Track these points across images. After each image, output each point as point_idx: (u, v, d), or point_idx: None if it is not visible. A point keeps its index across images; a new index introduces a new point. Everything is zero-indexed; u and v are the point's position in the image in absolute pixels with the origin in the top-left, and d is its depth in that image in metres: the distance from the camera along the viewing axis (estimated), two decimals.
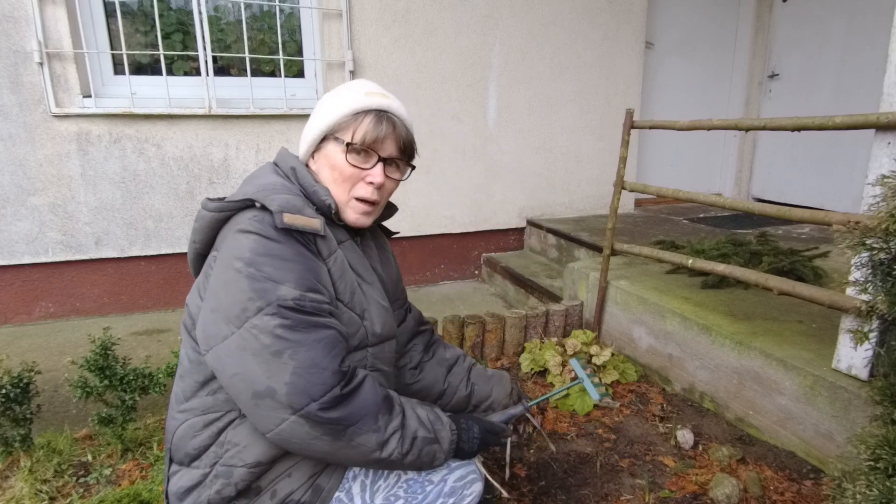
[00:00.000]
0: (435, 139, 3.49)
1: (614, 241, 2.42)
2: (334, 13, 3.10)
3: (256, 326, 0.91)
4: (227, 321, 0.93)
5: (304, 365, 0.90)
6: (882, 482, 0.94)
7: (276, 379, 0.89)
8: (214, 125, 3.01)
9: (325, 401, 0.90)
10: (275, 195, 1.01)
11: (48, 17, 2.65)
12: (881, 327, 1.37)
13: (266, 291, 0.92)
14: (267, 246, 0.95)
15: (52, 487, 1.57)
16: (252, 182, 1.09)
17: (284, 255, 0.96)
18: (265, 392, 0.89)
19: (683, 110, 4.45)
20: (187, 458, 1.04)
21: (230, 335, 0.92)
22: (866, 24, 3.79)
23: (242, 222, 0.98)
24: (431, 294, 3.52)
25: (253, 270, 0.93)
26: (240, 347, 0.91)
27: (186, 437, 1.04)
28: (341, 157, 1.08)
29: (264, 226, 0.97)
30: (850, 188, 3.93)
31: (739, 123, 1.85)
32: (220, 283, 0.96)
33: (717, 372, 1.98)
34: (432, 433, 1.03)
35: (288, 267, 0.95)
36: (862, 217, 1.29)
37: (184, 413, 1.06)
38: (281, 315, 0.91)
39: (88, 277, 3.00)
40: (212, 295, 0.97)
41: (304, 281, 0.95)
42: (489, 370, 1.48)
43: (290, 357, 0.90)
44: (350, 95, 1.11)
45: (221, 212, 1.01)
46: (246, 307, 0.92)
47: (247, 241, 0.96)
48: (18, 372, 1.63)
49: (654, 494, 1.59)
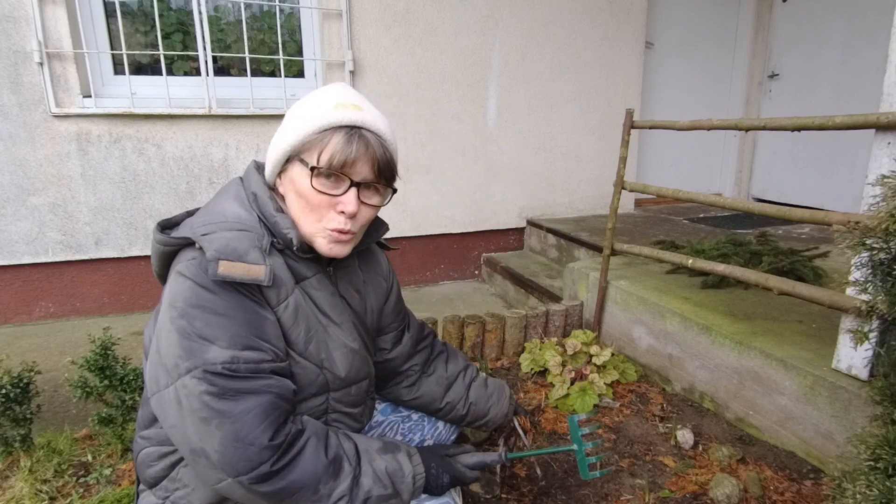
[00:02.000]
0: (435, 139, 3.49)
1: (614, 241, 2.42)
2: (334, 13, 3.10)
3: (186, 387, 0.85)
4: (165, 371, 0.87)
5: (229, 438, 0.84)
6: (882, 482, 0.94)
7: (206, 443, 0.85)
8: (214, 125, 3.01)
9: (253, 477, 0.85)
10: (218, 234, 0.89)
11: (48, 17, 2.65)
12: (881, 327, 1.37)
13: (193, 352, 0.85)
14: (200, 297, 0.86)
15: (52, 487, 1.57)
16: (209, 208, 0.98)
17: (217, 308, 0.86)
18: (199, 451, 0.86)
19: (683, 110, 4.45)
20: (147, 483, 1.04)
21: (168, 386, 0.87)
22: (866, 23, 3.79)
23: (182, 263, 0.89)
24: (431, 294, 3.52)
25: (184, 324, 0.85)
26: (176, 401, 0.86)
27: (144, 464, 1.03)
28: (307, 182, 0.93)
29: (200, 272, 0.87)
30: (850, 188, 3.93)
31: (739, 123, 1.85)
32: (161, 326, 0.89)
33: (717, 372, 1.98)
34: (390, 488, 0.96)
35: (220, 323, 0.86)
36: (862, 217, 1.29)
37: (144, 440, 1.03)
38: (207, 381, 0.84)
39: (88, 277, 3.00)
40: (157, 336, 0.90)
41: (238, 339, 0.87)
42: (490, 384, 1.42)
43: (217, 427, 0.84)
44: (317, 108, 0.94)
45: (166, 246, 0.93)
46: (177, 363, 0.86)
47: (182, 287, 0.87)
48: (18, 372, 1.63)
49: (654, 494, 1.59)
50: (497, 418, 1.39)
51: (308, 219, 0.97)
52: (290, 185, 0.97)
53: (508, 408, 1.42)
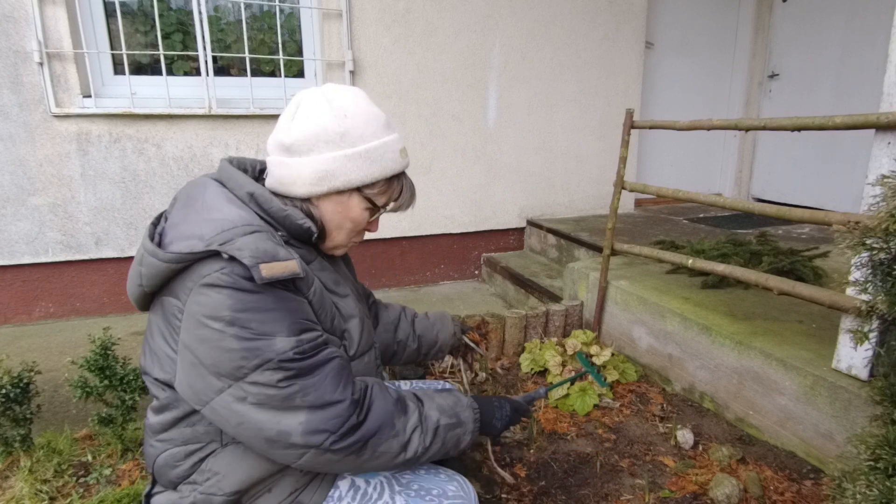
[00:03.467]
0: (435, 139, 3.49)
1: (614, 241, 2.42)
2: (334, 13, 3.10)
3: (258, 382, 0.87)
4: (217, 376, 0.88)
5: (317, 404, 0.89)
6: (882, 482, 0.94)
7: (287, 423, 0.88)
8: (214, 125, 3.01)
9: (343, 431, 0.90)
10: (240, 240, 0.89)
11: (48, 17, 2.65)
12: (881, 327, 1.37)
13: (260, 350, 0.87)
14: (245, 301, 0.87)
15: (52, 487, 1.57)
16: (204, 215, 0.95)
17: (266, 305, 0.89)
18: (276, 437, 0.89)
19: (683, 110, 4.45)
20: (171, 484, 1.04)
21: (225, 388, 0.88)
22: (866, 23, 3.79)
23: (210, 276, 0.88)
24: (431, 294, 3.52)
25: (238, 330, 0.86)
26: (238, 399, 0.88)
27: (168, 465, 1.03)
28: (364, 214, 1.06)
29: (236, 279, 0.87)
30: (850, 188, 3.93)
31: (739, 123, 1.85)
32: (195, 339, 0.88)
33: (717, 372, 1.98)
34: (454, 418, 1.04)
35: (274, 317, 0.89)
36: (862, 217, 1.29)
37: (163, 443, 1.03)
38: (283, 368, 0.88)
39: (88, 277, 3.00)
40: (185, 350, 0.90)
41: (295, 326, 0.90)
42: (431, 315, 1.50)
43: (301, 400, 0.89)
44: (387, 152, 1.02)
45: (179, 263, 0.89)
46: (241, 365, 0.87)
47: (220, 297, 0.87)
48: (18, 372, 1.62)
49: (654, 494, 1.59)
50: (447, 340, 1.48)
51: (343, 234, 1.08)
52: (337, 208, 1.04)
53: (454, 327, 1.50)
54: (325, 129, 0.98)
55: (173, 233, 0.96)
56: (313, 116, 0.99)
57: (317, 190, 1.00)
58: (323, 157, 0.98)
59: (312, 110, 0.99)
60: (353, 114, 1.00)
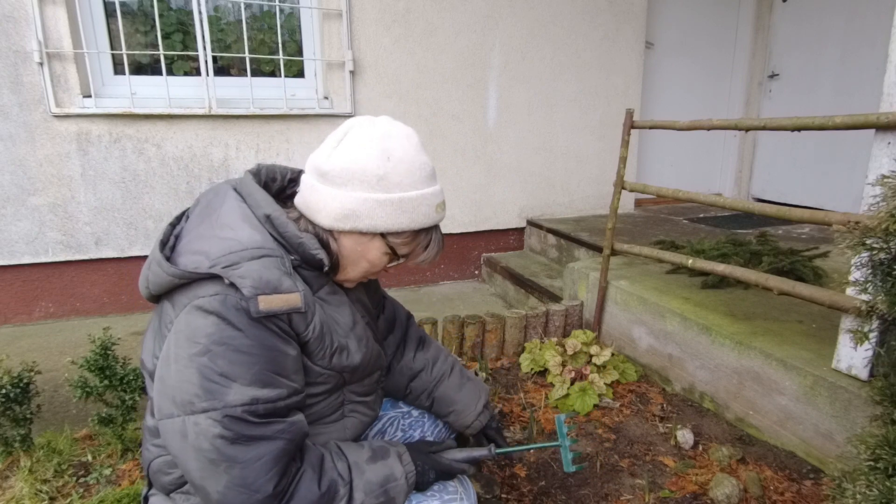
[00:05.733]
0: (435, 139, 3.49)
1: (614, 241, 2.42)
2: (334, 13, 3.10)
3: (199, 425, 0.84)
4: (172, 402, 0.86)
5: (235, 483, 0.84)
6: (882, 482, 0.94)
7: (209, 483, 0.85)
8: (214, 125, 3.01)
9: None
10: (245, 265, 0.87)
11: (48, 17, 2.65)
12: (881, 327, 1.37)
13: (214, 393, 0.83)
14: (224, 334, 0.85)
15: (52, 487, 1.57)
16: (216, 232, 0.93)
17: (242, 346, 0.85)
18: (199, 488, 0.86)
19: (683, 110, 4.45)
20: (164, 490, 1.03)
21: (175, 417, 0.86)
22: (866, 23, 3.79)
23: (202, 298, 0.86)
24: (431, 294, 3.52)
25: (206, 361, 0.84)
26: (181, 433, 0.86)
27: (161, 472, 1.02)
28: (383, 259, 1.01)
29: (226, 308, 0.85)
30: (850, 188, 3.93)
31: (739, 123, 1.85)
32: (171, 356, 0.87)
33: (717, 372, 1.98)
34: (382, 497, 0.96)
35: (243, 361, 0.85)
36: (862, 217, 1.29)
37: (158, 448, 1.02)
38: (223, 425, 0.83)
39: (88, 277, 3.00)
40: (163, 362, 0.89)
41: (260, 377, 0.86)
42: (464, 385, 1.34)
43: (225, 471, 0.84)
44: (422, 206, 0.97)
45: (182, 280, 0.89)
46: (192, 401, 0.84)
47: (204, 323, 0.85)
48: (18, 372, 1.62)
49: (654, 494, 1.59)
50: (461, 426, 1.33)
51: (358, 272, 1.02)
52: (357, 247, 0.98)
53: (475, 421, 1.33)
54: (365, 168, 0.93)
55: (185, 241, 0.95)
56: (357, 151, 0.94)
57: (339, 226, 0.96)
58: (353, 196, 0.93)
59: (358, 144, 0.94)
60: (397, 158, 0.94)
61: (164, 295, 0.94)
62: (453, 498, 1.05)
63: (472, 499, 1.09)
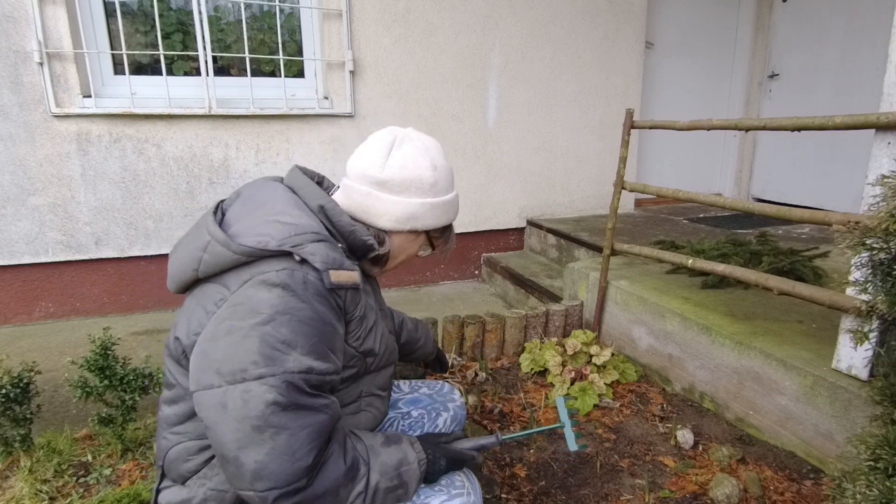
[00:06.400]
0: (435, 139, 3.48)
1: (614, 241, 2.42)
2: (334, 13, 3.10)
3: (250, 392, 0.86)
4: (217, 373, 0.88)
5: (279, 450, 0.86)
6: (882, 482, 0.94)
7: (246, 453, 0.86)
8: (214, 125, 3.01)
9: (287, 490, 0.87)
10: (310, 245, 0.95)
11: (48, 17, 2.65)
12: (881, 327, 1.37)
13: (274, 360, 0.87)
14: (290, 305, 0.90)
15: (52, 487, 1.57)
16: (273, 217, 0.99)
17: (305, 318, 0.90)
18: (232, 461, 0.87)
19: (683, 110, 4.45)
20: (181, 478, 1.04)
21: (216, 387, 0.88)
22: (866, 23, 3.79)
23: (269, 273, 0.91)
24: (431, 294, 3.52)
25: (269, 329, 0.87)
26: (221, 404, 0.87)
27: (180, 459, 1.03)
28: (418, 252, 1.19)
29: (293, 281, 0.91)
30: (850, 188, 3.93)
31: (739, 123, 1.85)
32: (223, 329, 0.90)
33: (717, 372, 1.98)
34: (396, 480, 0.99)
35: (306, 331, 0.90)
36: (862, 217, 1.29)
37: (177, 435, 1.03)
38: (279, 390, 0.86)
39: (88, 277, 3.00)
40: (209, 335, 0.91)
41: (316, 349, 0.91)
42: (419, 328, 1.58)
43: (270, 438, 0.85)
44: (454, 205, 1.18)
45: (250, 257, 0.93)
46: (245, 368, 0.87)
47: (269, 295, 0.90)
48: (18, 372, 1.62)
49: (654, 494, 1.59)
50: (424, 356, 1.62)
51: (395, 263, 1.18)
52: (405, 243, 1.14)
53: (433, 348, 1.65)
54: (421, 177, 1.08)
55: (238, 227, 0.99)
56: (413, 163, 1.08)
57: (399, 227, 1.09)
58: (413, 201, 1.08)
59: (412, 156, 1.08)
60: (440, 167, 1.12)
61: (210, 278, 0.98)
62: (460, 492, 1.07)
63: (478, 493, 1.12)
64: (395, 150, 1.09)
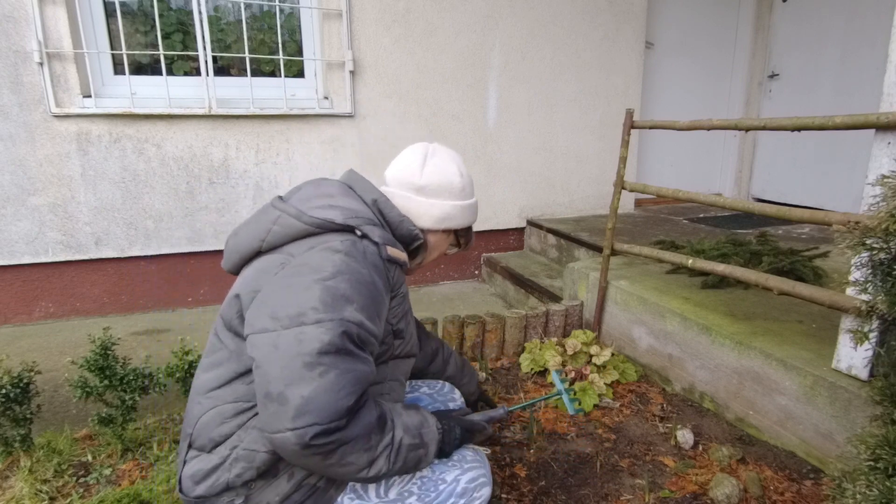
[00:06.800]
0: (435, 139, 3.48)
1: (614, 241, 2.42)
2: (334, 13, 3.10)
3: (305, 333, 0.93)
4: (273, 318, 0.96)
5: (327, 388, 0.91)
6: (882, 482, 0.95)
7: (293, 388, 0.90)
8: (214, 125, 3.01)
9: (328, 428, 0.91)
10: (369, 227, 1.11)
11: (48, 17, 2.65)
12: (881, 327, 1.37)
13: (333, 307, 0.96)
14: (350, 267, 1.01)
15: (52, 487, 1.57)
16: (333, 202, 1.14)
17: (362, 280, 1.02)
18: (277, 397, 0.91)
19: (683, 110, 4.45)
20: (210, 443, 1.06)
21: (270, 331, 0.95)
22: (866, 23, 3.79)
23: (334, 243, 1.05)
24: (431, 294, 3.52)
25: (331, 283, 0.98)
26: (273, 345, 0.94)
27: (213, 423, 1.06)
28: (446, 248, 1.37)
29: (356, 249, 1.05)
30: (850, 188, 3.93)
31: (739, 123, 1.85)
32: (284, 284, 1.00)
33: (717, 372, 1.98)
34: (418, 438, 1.06)
35: (362, 291, 1.01)
36: (862, 217, 1.29)
37: (212, 399, 1.07)
38: (335, 334, 0.94)
39: (88, 277, 3.00)
40: (269, 290, 1.02)
41: (368, 310, 1.01)
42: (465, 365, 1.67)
43: (320, 375, 0.91)
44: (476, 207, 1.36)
45: (320, 228, 1.08)
46: (304, 312, 0.95)
47: (333, 258, 1.02)
48: (18, 372, 1.63)
49: (654, 494, 1.59)
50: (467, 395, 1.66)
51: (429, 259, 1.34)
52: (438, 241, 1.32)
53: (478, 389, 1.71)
54: (452, 182, 1.27)
55: (303, 207, 1.12)
56: (446, 171, 1.27)
57: (436, 226, 1.27)
58: (447, 203, 1.27)
59: (445, 165, 1.27)
60: (465, 174, 1.30)
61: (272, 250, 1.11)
62: (472, 465, 1.16)
63: (488, 466, 1.20)
64: (428, 160, 1.27)
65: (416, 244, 1.23)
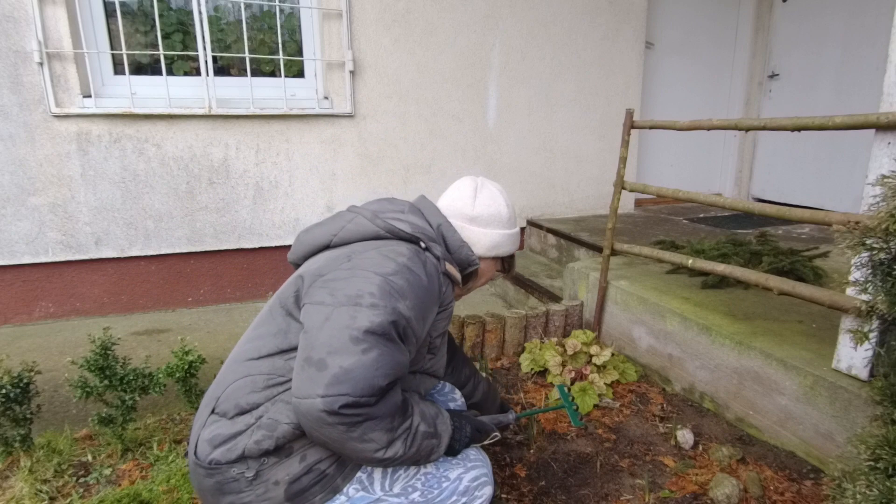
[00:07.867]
0: (435, 139, 3.49)
1: (614, 241, 2.42)
2: (334, 13, 3.10)
3: (359, 312, 1.00)
4: (331, 294, 1.04)
5: (367, 363, 0.96)
6: (882, 482, 0.95)
7: (335, 357, 0.95)
8: (214, 125, 3.01)
9: (358, 401, 0.95)
10: (433, 244, 1.22)
11: (48, 17, 2.65)
12: (881, 327, 1.37)
13: (388, 297, 1.03)
14: (410, 270, 1.10)
15: (52, 487, 1.57)
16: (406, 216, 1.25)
17: (418, 285, 1.09)
18: (316, 362, 0.95)
19: (683, 110, 4.45)
20: (235, 409, 1.07)
21: (326, 304, 1.03)
22: (866, 23, 3.79)
23: (400, 248, 1.14)
24: None
25: (391, 278, 1.06)
26: (326, 317, 1.01)
27: (243, 390, 1.08)
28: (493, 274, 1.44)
29: (417, 258, 1.13)
30: (850, 188, 3.93)
31: (739, 123, 1.85)
32: (347, 271, 1.08)
33: (717, 372, 1.98)
34: (433, 428, 1.10)
35: (416, 293, 1.08)
36: (862, 217, 1.29)
37: (247, 367, 1.11)
38: (386, 319, 1.00)
39: (88, 277, 3.00)
40: (333, 275, 1.09)
41: (418, 309, 1.08)
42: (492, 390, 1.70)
43: (362, 351, 0.96)
44: (519, 236, 1.44)
45: (389, 234, 1.18)
46: (361, 295, 1.02)
47: (397, 259, 1.10)
48: (18, 372, 1.63)
49: (654, 494, 1.59)
50: None
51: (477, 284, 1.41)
52: (488, 267, 1.39)
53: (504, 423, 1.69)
54: (501, 213, 1.35)
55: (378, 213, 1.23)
56: (496, 203, 1.35)
57: (487, 253, 1.35)
58: (496, 233, 1.35)
59: (493, 197, 1.35)
60: (510, 206, 1.39)
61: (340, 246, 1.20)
62: (475, 464, 1.20)
63: (489, 466, 1.24)
64: (479, 192, 1.35)
65: (470, 269, 1.31)
